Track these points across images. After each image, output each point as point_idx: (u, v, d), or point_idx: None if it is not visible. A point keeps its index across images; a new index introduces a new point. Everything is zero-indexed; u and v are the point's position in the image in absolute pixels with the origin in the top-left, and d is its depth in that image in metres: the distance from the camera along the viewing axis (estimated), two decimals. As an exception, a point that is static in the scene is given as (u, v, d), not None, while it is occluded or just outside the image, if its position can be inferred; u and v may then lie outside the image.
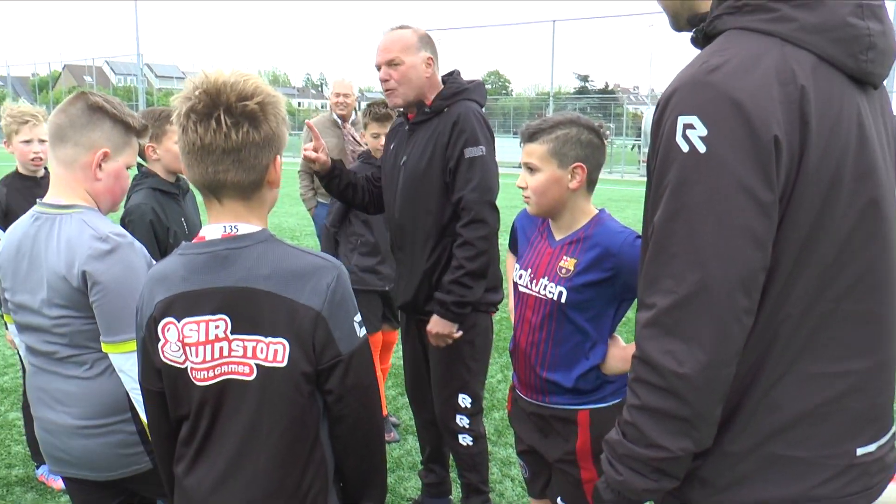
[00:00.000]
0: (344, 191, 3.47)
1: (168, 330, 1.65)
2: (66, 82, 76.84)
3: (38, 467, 4.07)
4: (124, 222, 3.21)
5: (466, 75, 3.31)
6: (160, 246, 3.11)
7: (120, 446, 2.18)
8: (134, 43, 38.01)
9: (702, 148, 1.27)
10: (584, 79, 71.56)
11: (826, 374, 1.37)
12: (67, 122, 2.13)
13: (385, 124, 4.18)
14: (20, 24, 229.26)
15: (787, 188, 1.29)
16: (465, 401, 3.29)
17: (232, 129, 1.55)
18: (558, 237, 2.38)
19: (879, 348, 1.41)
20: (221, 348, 1.62)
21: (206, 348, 1.62)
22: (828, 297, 1.35)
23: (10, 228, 2.22)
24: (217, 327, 1.61)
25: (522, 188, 2.35)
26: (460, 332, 3.14)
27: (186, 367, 1.64)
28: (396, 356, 4.82)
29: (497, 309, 3.35)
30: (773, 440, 1.37)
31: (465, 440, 3.34)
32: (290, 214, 14.40)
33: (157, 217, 3.12)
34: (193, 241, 1.68)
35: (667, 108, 1.34)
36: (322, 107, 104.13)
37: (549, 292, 2.31)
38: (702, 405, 1.30)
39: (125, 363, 2.09)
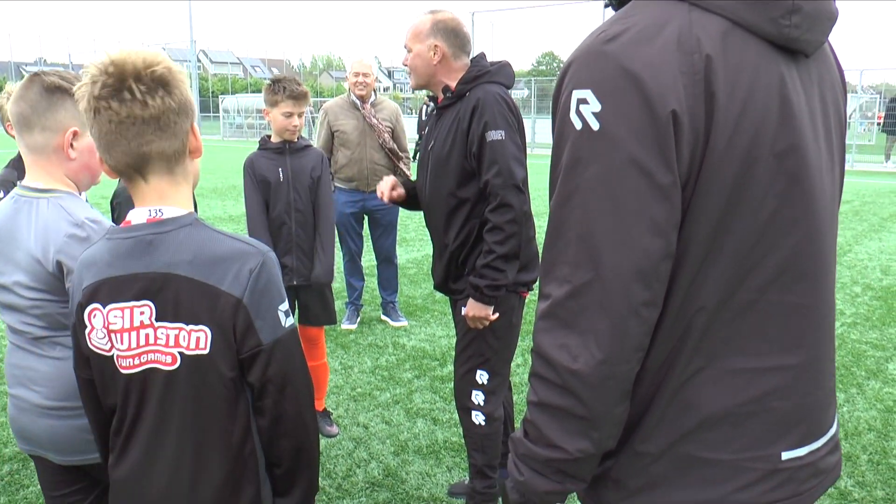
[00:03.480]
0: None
1: (94, 316, 1.61)
2: (124, 69, 78.60)
3: None
4: (113, 204, 3.22)
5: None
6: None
7: (85, 430, 2.16)
8: (189, 29, 38.60)
9: (595, 125, 1.15)
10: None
11: (748, 371, 1.24)
12: (28, 108, 2.09)
13: (300, 103, 4.02)
14: (80, 12, 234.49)
15: (693, 168, 1.15)
16: (482, 377, 3.26)
17: (146, 96, 1.50)
18: None
19: (807, 344, 1.28)
20: (147, 335, 1.58)
21: (132, 335, 1.58)
22: (749, 287, 1.22)
23: None
24: (142, 314, 1.57)
25: None
26: (497, 315, 3.14)
27: (113, 355, 1.61)
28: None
29: (530, 289, 3.28)
30: (689, 440, 1.25)
31: (477, 418, 3.30)
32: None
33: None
34: (121, 226, 1.64)
35: (563, 82, 1.23)
36: (384, 90, 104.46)
37: None
38: (598, 404, 1.19)
39: None
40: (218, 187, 16.22)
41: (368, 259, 7.22)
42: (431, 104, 3.38)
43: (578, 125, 1.17)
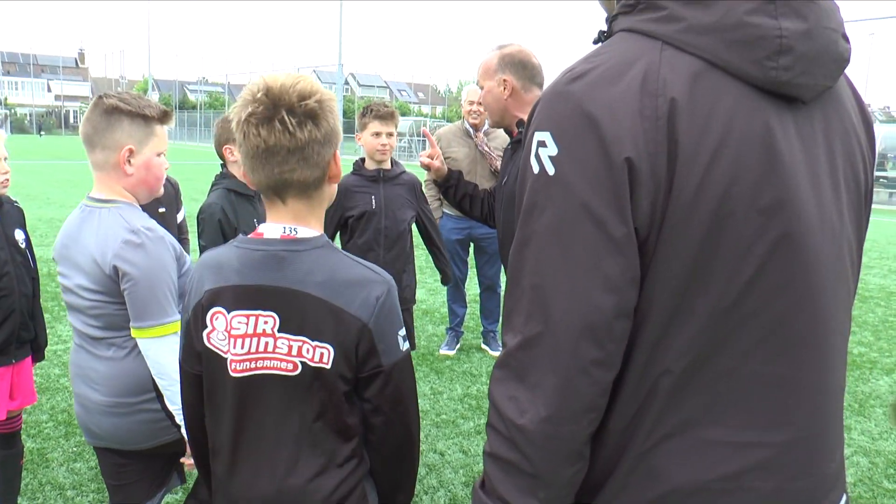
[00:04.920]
0: (461, 201, 3.51)
1: (216, 319, 1.69)
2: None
3: None
4: (198, 219, 3.40)
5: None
6: (227, 245, 3.26)
7: (147, 423, 2.36)
8: (338, 54, 40.23)
9: (551, 169, 1.10)
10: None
11: (726, 444, 1.13)
12: (91, 129, 2.28)
13: (388, 122, 4.06)
14: (239, 37, 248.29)
15: (655, 219, 1.07)
16: None
17: (296, 128, 1.58)
18: None
19: (796, 421, 1.15)
20: (267, 343, 1.66)
21: (252, 340, 1.66)
22: (728, 352, 1.11)
23: (66, 219, 2.42)
24: (266, 323, 1.66)
25: None
26: None
27: (227, 358, 1.69)
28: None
29: None
30: None
31: None
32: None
33: (225, 217, 3.28)
34: (251, 236, 1.73)
35: (529, 122, 1.18)
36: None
37: None
38: (542, 463, 1.11)
39: (151, 348, 2.25)
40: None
41: (473, 286, 7.23)
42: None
43: (536, 169, 1.13)
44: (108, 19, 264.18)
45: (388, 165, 4.21)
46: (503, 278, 6.59)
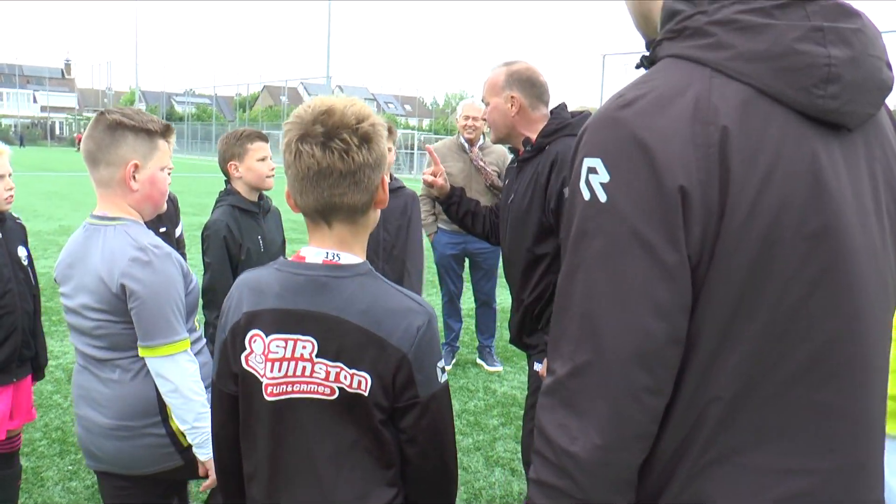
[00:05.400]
0: (462, 218, 3.52)
1: (255, 341, 1.67)
2: (264, 102, 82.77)
3: None
4: (203, 236, 3.38)
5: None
6: (232, 261, 3.24)
7: (150, 448, 2.31)
8: (326, 66, 40.34)
9: (602, 197, 1.10)
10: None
11: (772, 470, 1.13)
12: (94, 145, 2.25)
13: (388, 137, 4.03)
14: (226, 48, 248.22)
15: (706, 247, 1.07)
16: None
17: (351, 150, 1.57)
18: None
19: (840, 448, 1.15)
20: (304, 367, 1.63)
21: (289, 364, 1.63)
22: (774, 380, 1.11)
23: (69, 239, 2.38)
24: (304, 347, 1.63)
25: None
26: None
27: (262, 382, 1.66)
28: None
29: None
30: None
31: None
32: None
33: (230, 234, 3.26)
34: (292, 260, 1.70)
35: (577, 148, 1.18)
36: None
37: None
38: (594, 490, 1.11)
39: (161, 366, 2.22)
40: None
41: (468, 301, 7.23)
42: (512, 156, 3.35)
43: (587, 195, 1.13)
44: (95, 30, 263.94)
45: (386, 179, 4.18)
46: (498, 294, 6.60)
